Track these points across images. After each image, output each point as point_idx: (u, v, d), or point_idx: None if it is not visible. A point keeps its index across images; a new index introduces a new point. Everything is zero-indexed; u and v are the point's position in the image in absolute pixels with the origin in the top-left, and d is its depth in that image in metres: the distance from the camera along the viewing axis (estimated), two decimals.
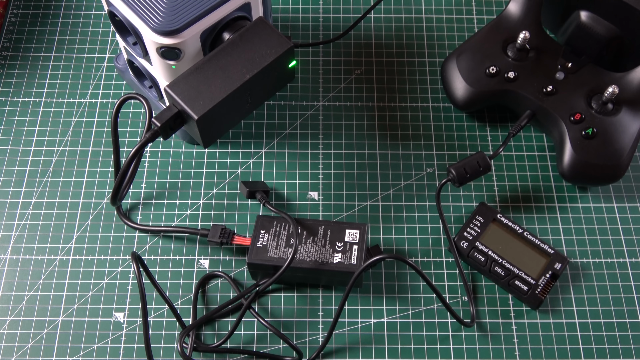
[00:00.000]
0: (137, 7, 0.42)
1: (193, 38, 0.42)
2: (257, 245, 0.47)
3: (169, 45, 0.42)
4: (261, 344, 0.48)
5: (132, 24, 0.42)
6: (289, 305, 0.49)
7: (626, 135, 0.50)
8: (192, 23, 0.42)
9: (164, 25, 0.41)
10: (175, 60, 0.43)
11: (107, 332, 0.48)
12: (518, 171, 0.55)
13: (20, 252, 0.51)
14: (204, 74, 0.41)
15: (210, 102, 0.40)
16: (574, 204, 0.53)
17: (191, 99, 0.40)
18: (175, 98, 0.40)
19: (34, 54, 0.60)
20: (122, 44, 0.50)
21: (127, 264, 0.50)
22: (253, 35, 0.42)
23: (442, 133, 0.56)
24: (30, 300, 0.49)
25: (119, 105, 0.46)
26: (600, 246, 0.52)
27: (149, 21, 0.41)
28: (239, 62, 0.42)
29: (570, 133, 0.50)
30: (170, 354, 0.47)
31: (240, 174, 0.54)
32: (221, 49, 0.42)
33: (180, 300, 0.49)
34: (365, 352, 0.47)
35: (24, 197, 0.53)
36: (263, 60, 0.42)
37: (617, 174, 0.50)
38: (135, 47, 0.47)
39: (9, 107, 0.57)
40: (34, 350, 0.47)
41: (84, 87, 0.58)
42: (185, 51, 0.43)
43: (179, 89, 0.40)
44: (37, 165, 0.54)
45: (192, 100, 0.40)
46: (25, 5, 0.62)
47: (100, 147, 0.55)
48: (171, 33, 0.41)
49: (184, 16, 0.41)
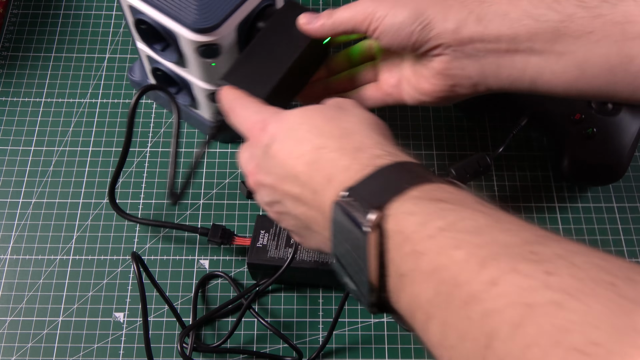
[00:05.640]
0: (170, 9, 0.41)
1: (230, 32, 0.42)
2: (257, 245, 0.47)
3: (208, 42, 0.42)
4: (261, 344, 0.48)
5: (167, 27, 0.42)
6: (289, 305, 0.49)
7: (626, 135, 0.50)
8: (227, 17, 0.42)
9: (201, 23, 0.41)
10: (215, 57, 0.43)
11: (107, 332, 0.48)
12: (518, 171, 0.55)
13: (20, 252, 0.51)
14: (253, 60, 0.42)
15: (269, 84, 0.41)
16: (574, 204, 0.53)
17: (250, 85, 0.40)
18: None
19: (34, 54, 0.60)
20: (145, 54, 0.49)
21: (127, 264, 0.50)
22: (288, 17, 0.43)
23: (442, 133, 0.56)
24: (30, 300, 0.49)
25: (139, 95, 0.43)
26: (600, 246, 0.51)
27: (185, 21, 0.41)
28: (282, 43, 0.42)
29: (570, 133, 0.50)
30: (170, 354, 0.47)
31: (240, 174, 0.54)
32: (261, 35, 0.43)
33: (180, 300, 0.49)
34: (365, 352, 0.47)
35: (24, 197, 0.53)
36: (305, 38, 0.42)
37: (617, 174, 0.50)
38: (165, 53, 0.47)
39: (9, 107, 0.57)
40: (34, 350, 0.47)
41: (84, 87, 0.58)
42: (223, 46, 0.43)
43: (234, 79, 0.41)
44: (37, 165, 0.54)
45: (251, 85, 0.40)
46: (25, 5, 0.62)
47: (100, 147, 0.55)
48: (209, 30, 0.41)
49: (219, 11, 0.41)
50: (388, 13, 0.39)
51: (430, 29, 0.38)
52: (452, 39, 0.38)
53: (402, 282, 0.26)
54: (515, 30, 0.37)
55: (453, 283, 0.24)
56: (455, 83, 0.40)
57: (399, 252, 0.26)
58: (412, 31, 0.38)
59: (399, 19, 0.38)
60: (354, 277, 0.29)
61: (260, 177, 0.36)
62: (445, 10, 0.38)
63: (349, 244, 0.28)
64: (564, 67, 0.37)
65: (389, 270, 0.27)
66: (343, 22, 0.40)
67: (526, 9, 0.37)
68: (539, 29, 0.36)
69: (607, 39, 0.35)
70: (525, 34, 0.36)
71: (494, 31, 0.37)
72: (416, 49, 0.39)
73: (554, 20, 0.36)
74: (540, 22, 0.36)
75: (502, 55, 0.38)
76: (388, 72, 0.44)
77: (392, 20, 0.38)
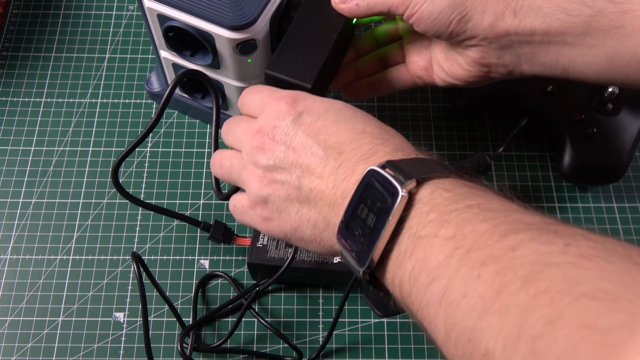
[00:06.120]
0: (204, 11, 0.42)
1: (265, 26, 0.43)
2: (257, 245, 0.47)
3: (246, 39, 0.42)
4: (261, 344, 0.48)
5: (202, 29, 0.42)
6: (289, 305, 0.49)
7: (626, 135, 0.50)
8: (261, 12, 0.42)
9: (238, 20, 0.41)
10: (252, 53, 0.43)
11: (107, 332, 0.48)
12: (518, 171, 0.55)
13: (20, 252, 0.51)
14: (293, 48, 0.42)
15: (314, 69, 0.41)
16: (574, 204, 0.53)
17: (295, 73, 0.41)
18: (280, 77, 0.41)
19: (34, 54, 0.60)
20: (170, 62, 0.49)
21: (127, 264, 0.50)
22: (318, 3, 0.43)
23: (442, 133, 0.56)
24: (30, 300, 0.49)
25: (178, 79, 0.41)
26: None
27: (221, 21, 0.41)
28: (319, 27, 0.43)
29: (570, 133, 0.50)
30: (170, 354, 0.47)
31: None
32: (295, 23, 0.43)
33: (180, 300, 0.49)
34: (365, 352, 0.47)
35: (24, 197, 0.53)
36: (339, 19, 0.43)
37: (617, 174, 0.50)
38: (196, 57, 0.47)
39: (9, 107, 0.57)
40: (34, 350, 0.47)
41: (84, 87, 0.58)
42: (260, 40, 0.43)
43: (279, 68, 0.41)
44: (37, 165, 0.54)
45: (297, 73, 0.41)
46: (25, 5, 0.62)
47: (100, 147, 0.55)
48: (246, 26, 0.42)
49: (252, 7, 0.42)
50: (427, 0, 0.39)
51: (467, 20, 0.39)
52: (489, 31, 0.39)
53: (414, 245, 0.28)
54: (548, 24, 0.38)
55: (471, 248, 0.25)
56: (491, 70, 0.41)
57: (422, 219, 0.28)
58: (450, 21, 0.39)
59: (438, 8, 0.39)
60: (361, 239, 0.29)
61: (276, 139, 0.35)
62: (483, 3, 0.38)
63: (372, 207, 0.29)
64: (595, 57, 0.38)
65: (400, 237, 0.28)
66: (378, 3, 0.41)
67: (559, 3, 0.38)
68: (571, 23, 0.37)
69: (636, 33, 0.37)
70: (557, 27, 0.38)
71: (528, 25, 0.38)
72: (452, 38, 0.40)
73: (585, 15, 0.37)
74: (573, 16, 0.37)
75: (536, 46, 0.39)
76: (417, 55, 0.45)
77: (431, 9, 0.39)
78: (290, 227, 0.35)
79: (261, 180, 0.35)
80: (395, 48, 0.47)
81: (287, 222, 0.35)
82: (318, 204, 0.34)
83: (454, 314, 0.25)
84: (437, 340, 0.27)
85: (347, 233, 0.31)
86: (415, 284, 0.28)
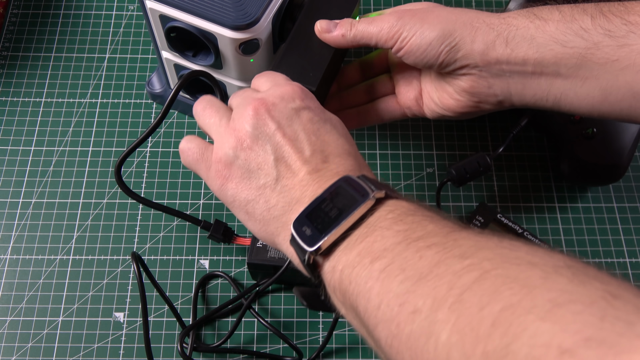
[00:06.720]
0: (207, 12, 0.42)
1: (267, 25, 0.43)
2: (257, 245, 0.47)
3: (249, 38, 0.42)
4: (261, 344, 0.48)
5: (205, 30, 0.42)
6: (289, 305, 0.49)
7: (626, 135, 0.50)
8: (264, 11, 0.42)
9: (241, 20, 0.41)
10: (254, 53, 0.44)
11: (107, 332, 0.48)
12: (518, 171, 0.55)
13: (20, 252, 0.51)
14: (297, 50, 0.42)
15: (319, 71, 0.41)
16: (574, 204, 0.53)
17: (300, 75, 0.41)
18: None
19: (34, 54, 0.60)
20: (172, 63, 0.49)
21: (127, 264, 0.50)
22: (321, 5, 0.43)
23: (442, 133, 0.56)
24: (30, 300, 0.49)
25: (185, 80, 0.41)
26: (600, 246, 0.52)
27: (224, 21, 0.41)
28: None
29: (570, 133, 0.50)
30: (170, 354, 0.47)
31: None
32: (299, 25, 0.43)
33: (180, 300, 0.49)
34: (366, 352, 0.47)
35: (24, 197, 0.53)
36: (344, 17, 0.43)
37: (617, 174, 0.50)
38: (198, 58, 0.47)
39: (9, 107, 0.57)
40: (34, 350, 0.47)
41: (84, 87, 0.58)
42: (262, 40, 0.43)
43: (284, 71, 0.41)
44: (37, 165, 0.54)
45: (302, 75, 0.41)
46: (25, 5, 0.62)
47: (100, 147, 0.55)
48: (249, 26, 0.42)
49: (254, 7, 0.42)
50: (415, 33, 0.39)
51: (457, 50, 0.38)
52: (479, 59, 0.38)
53: (367, 234, 0.30)
54: (542, 54, 0.37)
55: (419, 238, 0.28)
56: (481, 100, 0.41)
57: (380, 216, 0.31)
58: (440, 52, 0.39)
59: (427, 40, 0.39)
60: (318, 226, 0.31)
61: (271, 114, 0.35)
62: (472, 32, 0.38)
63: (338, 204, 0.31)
64: (588, 90, 0.37)
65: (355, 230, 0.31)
66: (365, 37, 0.41)
67: (553, 34, 0.37)
68: (565, 54, 0.37)
69: (632, 68, 0.36)
70: (551, 58, 0.37)
71: (520, 54, 0.38)
72: (442, 68, 0.40)
73: (580, 47, 0.37)
74: (567, 48, 0.37)
75: (527, 76, 0.38)
76: (407, 85, 0.45)
77: (419, 41, 0.39)
78: (245, 197, 0.35)
79: (239, 141, 0.35)
80: (384, 79, 0.46)
81: (244, 191, 0.35)
82: (283, 193, 0.34)
83: (389, 284, 0.27)
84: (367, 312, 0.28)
85: (305, 220, 0.32)
86: (357, 266, 0.29)
